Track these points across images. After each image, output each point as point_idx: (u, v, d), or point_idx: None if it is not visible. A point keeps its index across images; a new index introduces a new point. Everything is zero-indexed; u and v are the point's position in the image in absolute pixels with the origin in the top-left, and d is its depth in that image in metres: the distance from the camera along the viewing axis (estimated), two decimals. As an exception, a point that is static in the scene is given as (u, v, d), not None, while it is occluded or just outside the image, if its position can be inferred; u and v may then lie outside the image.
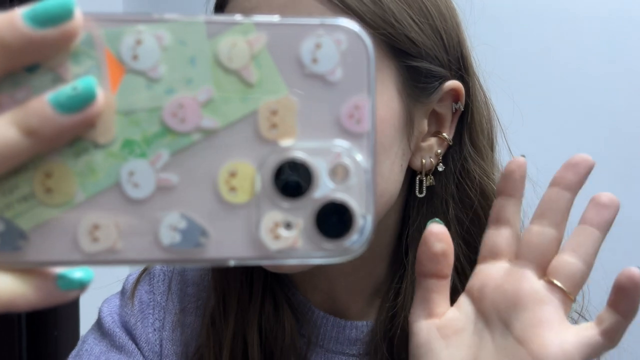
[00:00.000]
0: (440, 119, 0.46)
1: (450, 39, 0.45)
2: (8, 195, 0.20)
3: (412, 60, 0.43)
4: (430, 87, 0.44)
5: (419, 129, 0.45)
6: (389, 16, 0.41)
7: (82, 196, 0.21)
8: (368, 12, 0.40)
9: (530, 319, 0.34)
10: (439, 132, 0.46)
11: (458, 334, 0.36)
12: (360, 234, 0.21)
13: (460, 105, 0.46)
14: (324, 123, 0.21)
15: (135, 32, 0.20)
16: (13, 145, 0.19)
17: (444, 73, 0.45)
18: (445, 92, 0.45)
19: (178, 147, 0.21)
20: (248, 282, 0.50)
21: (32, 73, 0.20)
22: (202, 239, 0.21)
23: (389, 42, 0.42)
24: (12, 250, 0.20)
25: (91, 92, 0.20)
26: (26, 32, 0.19)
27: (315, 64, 0.21)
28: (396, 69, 0.42)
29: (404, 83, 0.43)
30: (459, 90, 0.46)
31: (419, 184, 0.47)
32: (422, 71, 0.43)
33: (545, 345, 0.33)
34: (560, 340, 0.33)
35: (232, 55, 0.21)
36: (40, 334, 1.25)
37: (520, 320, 0.34)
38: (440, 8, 0.45)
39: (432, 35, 0.44)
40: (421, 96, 0.44)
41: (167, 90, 0.21)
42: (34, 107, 0.19)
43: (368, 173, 0.21)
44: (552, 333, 0.34)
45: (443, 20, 0.45)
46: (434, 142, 0.46)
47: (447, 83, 0.45)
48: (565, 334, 0.33)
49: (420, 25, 0.43)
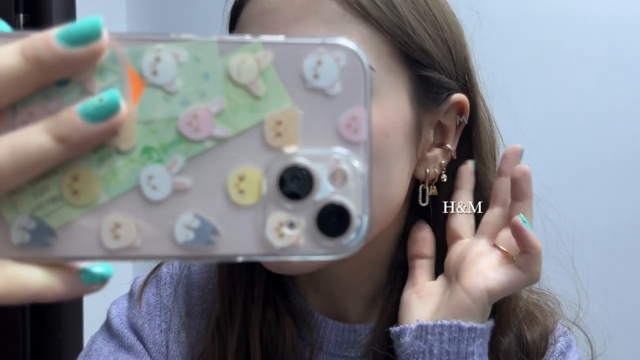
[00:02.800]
0: (445, 130, 0.47)
1: (459, 53, 0.47)
2: (39, 196, 0.22)
3: (425, 70, 0.44)
4: (439, 98, 0.45)
5: (425, 138, 0.46)
6: (405, 26, 0.42)
7: (105, 198, 0.22)
8: (387, 20, 0.42)
9: (470, 267, 0.44)
10: (443, 144, 0.47)
11: (430, 295, 0.47)
12: (357, 233, 0.23)
13: (465, 118, 0.47)
14: (324, 132, 0.23)
15: (155, 50, 0.23)
16: (47, 151, 0.21)
17: (452, 85, 0.46)
18: (452, 105, 0.46)
19: (192, 153, 0.23)
20: (251, 288, 0.51)
21: (61, 87, 0.22)
22: (213, 237, 0.23)
23: (404, 51, 0.43)
24: (42, 246, 0.22)
25: (115, 103, 0.21)
26: (59, 50, 0.21)
27: (316, 79, 0.23)
28: (409, 77, 0.44)
29: (415, 91, 0.44)
30: (464, 104, 0.47)
31: (422, 193, 0.48)
32: (434, 81, 0.44)
33: (471, 277, 0.44)
34: (483, 273, 0.43)
35: (241, 71, 0.23)
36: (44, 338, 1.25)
37: (464, 270, 0.45)
38: (449, 23, 0.46)
39: (443, 47, 0.45)
40: (430, 106, 0.45)
41: (182, 102, 0.23)
42: (65, 117, 0.21)
43: (364, 178, 0.23)
44: (480, 270, 0.44)
45: (452, 34, 0.46)
46: (439, 153, 0.47)
47: (454, 95, 0.46)
48: (490, 271, 0.44)
49: (433, 36, 0.44)
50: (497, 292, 0.43)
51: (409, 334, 0.44)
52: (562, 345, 0.50)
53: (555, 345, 0.50)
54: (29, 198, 0.22)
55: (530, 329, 0.49)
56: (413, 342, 0.44)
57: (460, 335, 0.43)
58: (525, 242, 0.42)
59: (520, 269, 0.43)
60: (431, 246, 0.49)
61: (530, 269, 0.43)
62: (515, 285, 0.43)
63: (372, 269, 0.51)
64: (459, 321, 0.43)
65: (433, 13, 0.45)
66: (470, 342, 0.43)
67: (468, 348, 0.43)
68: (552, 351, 0.50)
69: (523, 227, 0.42)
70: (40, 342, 1.25)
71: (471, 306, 0.43)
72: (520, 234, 0.42)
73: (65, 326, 1.25)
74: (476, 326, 0.43)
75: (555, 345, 0.50)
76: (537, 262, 0.42)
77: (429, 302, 0.46)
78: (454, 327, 0.43)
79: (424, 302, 0.46)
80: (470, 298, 0.43)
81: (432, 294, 0.47)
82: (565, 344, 0.51)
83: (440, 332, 0.43)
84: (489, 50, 0.51)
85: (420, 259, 0.49)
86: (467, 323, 0.43)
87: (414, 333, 0.44)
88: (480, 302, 0.43)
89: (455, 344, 0.43)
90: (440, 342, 0.43)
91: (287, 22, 0.41)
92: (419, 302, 0.47)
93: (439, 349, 0.43)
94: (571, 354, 0.51)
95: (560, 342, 0.50)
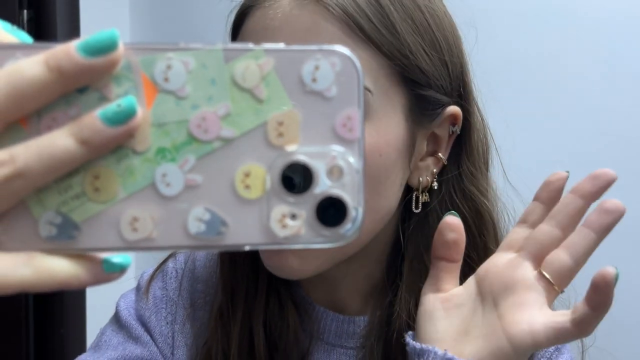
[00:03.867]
0: (437, 140, 0.48)
1: (455, 68, 0.47)
2: (64, 193, 0.24)
3: (421, 89, 0.45)
4: (434, 114, 0.46)
5: (419, 149, 0.47)
6: (404, 48, 0.43)
7: (123, 194, 0.24)
8: (386, 43, 0.42)
9: (514, 300, 0.39)
10: (435, 152, 0.48)
11: (458, 307, 0.41)
12: (353, 223, 0.25)
13: (457, 128, 0.48)
14: (322, 131, 0.25)
15: (166, 58, 0.24)
16: (71, 153, 0.23)
17: (447, 100, 0.47)
18: (445, 117, 0.47)
19: (202, 153, 0.25)
20: (254, 280, 0.52)
21: (81, 93, 0.24)
22: (222, 228, 0.25)
23: (402, 72, 0.44)
24: (68, 239, 0.24)
25: (132, 108, 0.23)
26: (80, 61, 0.22)
27: (314, 83, 0.25)
28: (405, 96, 0.44)
29: (411, 109, 0.45)
30: (458, 115, 0.48)
31: (415, 200, 0.48)
32: (430, 99, 0.45)
33: (517, 321, 0.38)
34: (530, 320, 0.37)
35: (245, 76, 0.25)
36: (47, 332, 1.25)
37: (505, 300, 0.39)
38: (448, 40, 0.47)
39: (439, 66, 0.46)
40: (424, 121, 0.46)
41: (192, 106, 0.24)
42: (87, 121, 0.23)
43: (359, 172, 0.25)
44: (526, 313, 0.38)
45: (450, 50, 0.47)
46: (431, 161, 0.48)
47: (448, 109, 0.47)
48: (538, 316, 0.38)
49: (431, 56, 0.45)
50: (542, 346, 0.37)
51: (432, 358, 0.39)
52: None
53: None
54: (54, 195, 0.24)
55: None
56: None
57: None
58: (603, 301, 0.35)
59: (575, 327, 0.36)
60: (462, 249, 0.42)
61: (588, 328, 0.36)
62: (563, 341, 0.37)
63: (369, 267, 0.52)
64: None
65: (432, 31, 0.45)
66: None
67: None
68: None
69: (611, 284, 0.35)
70: (43, 336, 1.25)
71: (512, 357, 0.37)
72: (605, 289, 0.35)
73: (68, 321, 1.25)
74: None
75: None
76: (598, 322, 0.36)
77: (455, 317, 0.41)
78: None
79: (451, 316, 0.41)
80: (513, 347, 0.37)
81: (460, 306, 0.41)
82: None
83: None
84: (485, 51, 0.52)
85: (447, 262, 0.42)
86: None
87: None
88: (522, 354, 0.37)
89: None
90: None
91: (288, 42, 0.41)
92: (444, 313, 0.41)
93: None
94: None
95: None
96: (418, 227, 0.50)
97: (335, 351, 0.52)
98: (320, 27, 0.41)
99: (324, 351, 0.53)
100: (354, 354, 0.52)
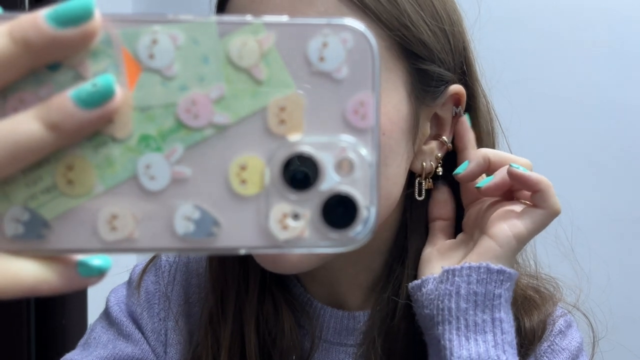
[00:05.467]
0: (440, 122, 0.47)
1: (457, 43, 0.46)
2: (32, 186, 0.21)
3: (423, 63, 0.43)
4: (437, 91, 0.45)
5: (422, 131, 0.45)
6: (404, 18, 0.41)
7: (101, 188, 0.22)
8: (385, 12, 0.41)
9: (494, 217, 0.44)
10: (439, 136, 0.47)
11: (452, 250, 0.47)
12: (365, 224, 0.22)
13: (461, 109, 0.47)
14: (330, 119, 0.22)
15: (151, 32, 0.21)
16: (37, 139, 0.20)
17: (450, 77, 0.45)
18: (449, 96, 0.46)
19: (192, 141, 0.22)
20: (245, 281, 0.50)
21: (53, 71, 0.21)
22: (214, 229, 0.22)
23: (402, 44, 0.42)
24: (36, 238, 0.21)
25: (110, 88, 0.21)
26: (49, 31, 0.20)
27: (322, 62, 0.22)
28: (407, 71, 0.43)
29: (413, 85, 0.43)
30: (461, 95, 0.46)
31: (418, 186, 0.47)
32: (432, 74, 0.44)
33: (498, 226, 0.44)
34: (509, 222, 0.44)
35: (242, 53, 0.22)
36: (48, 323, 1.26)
37: (488, 221, 0.44)
38: (449, 12, 0.45)
39: (442, 39, 0.44)
40: (427, 99, 0.44)
41: (181, 88, 0.22)
42: (57, 102, 0.20)
43: (372, 167, 0.22)
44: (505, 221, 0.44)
45: (451, 24, 0.45)
46: (435, 145, 0.47)
47: (451, 87, 0.45)
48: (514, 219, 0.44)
49: (432, 28, 0.43)
50: (524, 235, 0.43)
51: (432, 281, 0.44)
52: (561, 325, 0.50)
53: (553, 325, 0.50)
54: (21, 188, 0.21)
55: (529, 313, 0.49)
56: (438, 286, 0.44)
57: (489, 277, 0.42)
58: (530, 183, 0.43)
59: (539, 207, 0.43)
60: (452, 208, 0.49)
61: (548, 203, 0.43)
62: (540, 224, 0.43)
63: (370, 259, 0.51)
64: (488, 263, 0.43)
65: (433, 3, 0.44)
66: (498, 285, 0.43)
67: (496, 290, 0.43)
68: (551, 330, 0.50)
69: (520, 173, 0.43)
70: (44, 327, 1.27)
71: (498, 251, 0.43)
72: (522, 179, 0.43)
73: (70, 312, 1.26)
74: (505, 269, 0.43)
75: (553, 325, 0.50)
76: (550, 194, 0.43)
77: (451, 257, 0.46)
78: (482, 269, 0.43)
79: (446, 257, 0.46)
80: (498, 244, 0.43)
81: (454, 250, 0.47)
82: (564, 323, 0.51)
83: (468, 273, 0.43)
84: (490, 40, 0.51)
85: (441, 221, 0.49)
86: (496, 265, 0.43)
87: (438, 279, 0.44)
88: (508, 247, 0.43)
89: (483, 285, 0.43)
90: (468, 283, 0.43)
91: (280, 13, 0.39)
92: (440, 257, 0.47)
93: (467, 289, 0.43)
94: (571, 332, 0.51)
95: (559, 322, 0.50)
96: (422, 215, 0.49)
97: (334, 350, 0.51)
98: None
99: (323, 350, 0.51)
100: (354, 351, 0.51)
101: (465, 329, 0.42)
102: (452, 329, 0.42)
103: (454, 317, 0.42)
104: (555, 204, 0.43)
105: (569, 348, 0.50)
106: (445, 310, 0.43)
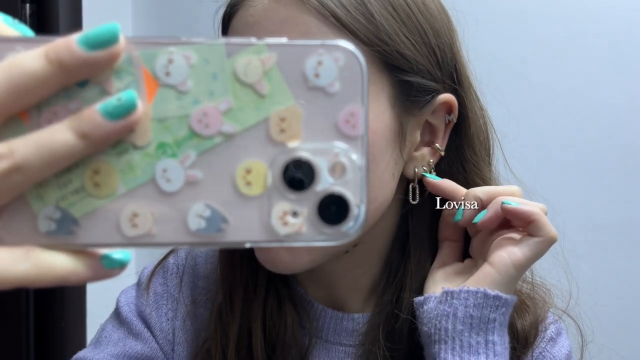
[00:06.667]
0: (433, 129, 0.48)
1: (444, 55, 0.47)
2: (63, 188, 0.24)
3: (405, 75, 0.44)
4: (422, 101, 0.46)
5: (411, 139, 0.46)
6: (382, 34, 0.43)
7: (123, 189, 0.24)
8: (362, 29, 0.42)
9: (495, 246, 0.46)
10: (432, 142, 0.48)
11: (458, 274, 0.49)
12: (356, 221, 0.25)
13: (453, 117, 0.48)
14: (324, 128, 0.25)
15: (167, 52, 0.24)
16: (70, 147, 0.23)
17: (437, 87, 0.46)
18: (438, 105, 0.47)
19: (203, 148, 0.24)
20: (253, 278, 0.52)
21: (82, 87, 0.24)
22: (223, 225, 0.25)
23: (382, 58, 0.43)
24: (67, 234, 0.24)
25: (132, 103, 0.23)
26: (80, 54, 0.22)
27: (317, 78, 0.25)
28: (389, 83, 0.44)
29: (396, 96, 0.44)
30: (452, 103, 0.47)
31: (412, 191, 0.49)
32: (414, 85, 0.45)
33: (497, 254, 0.45)
34: (508, 250, 0.45)
35: (247, 71, 0.24)
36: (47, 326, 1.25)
37: (490, 250, 0.46)
38: (435, 25, 0.46)
39: (425, 52, 0.45)
40: (413, 109, 0.46)
41: (193, 101, 0.24)
42: (87, 115, 0.23)
43: (362, 170, 0.25)
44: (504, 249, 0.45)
45: (437, 37, 0.46)
46: (427, 152, 0.48)
47: (440, 96, 0.46)
48: (513, 248, 0.45)
49: (414, 42, 0.45)
50: (522, 263, 0.44)
51: (433, 300, 0.46)
52: (552, 332, 0.52)
53: (545, 332, 0.51)
54: (54, 190, 0.24)
55: (521, 317, 0.50)
56: (437, 306, 0.46)
57: (485, 302, 0.44)
58: (523, 217, 0.44)
59: (536, 236, 0.45)
60: (461, 230, 0.50)
61: (543, 232, 0.44)
62: (538, 251, 0.45)
63: (369, 264, 0.52)
64: (485, 288, 0.44)
65: (416, 18, 0.45)
66: (493, 310, 0.44)
67: (491, 314, 0.44)
68: (542, 337, 0.51)
69: (512, 208, 0.44)
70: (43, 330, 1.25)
71: (496, 277, 0.44)
72: (514, 214, 0.44)
73: (69, 315, 1.25)
74: (501, 295, 0.44)
75: (545, 332, 0.51)
76: (543, 224, 0.44)
77: (456, 280, 0.48)
78: (479, 294, 0.44)
79: (452, 281, 0.48)
80: (496, 270, 0.45)
81: (459, 273, 0.48)
82: (555, 330, 0.52)
83: (465, 297, 0.45)
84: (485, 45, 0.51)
85: (450, 242, 0.51)
86: (492, 291, 0.44)
87: (439, 299, 0.46)
88: (505, 274, 0.44)
89: (479, 310, 0.44)
90: (465, 306, 0.44)
91: (268, 35, 0.42)
92: (445, 277, 0.48)
93: (464, 312, 0.44)
94: (561, 340, 0.52)
95: (550, 329, 0.52)
96: (419, 218, 0.50)
97: (334, 349, 0.52)
98: (297, 19, 0.42)
99: (323, 349, 0.53)
100: (353, 351, 0.52)
101: (460, 349, 0.44)
102: (448, 348, 0.44)
103: (449, 338, 0.44)
104: (550, 232, 0.44)
105: (559, 356, 0.51)
106: (442, 330, 0.45)
